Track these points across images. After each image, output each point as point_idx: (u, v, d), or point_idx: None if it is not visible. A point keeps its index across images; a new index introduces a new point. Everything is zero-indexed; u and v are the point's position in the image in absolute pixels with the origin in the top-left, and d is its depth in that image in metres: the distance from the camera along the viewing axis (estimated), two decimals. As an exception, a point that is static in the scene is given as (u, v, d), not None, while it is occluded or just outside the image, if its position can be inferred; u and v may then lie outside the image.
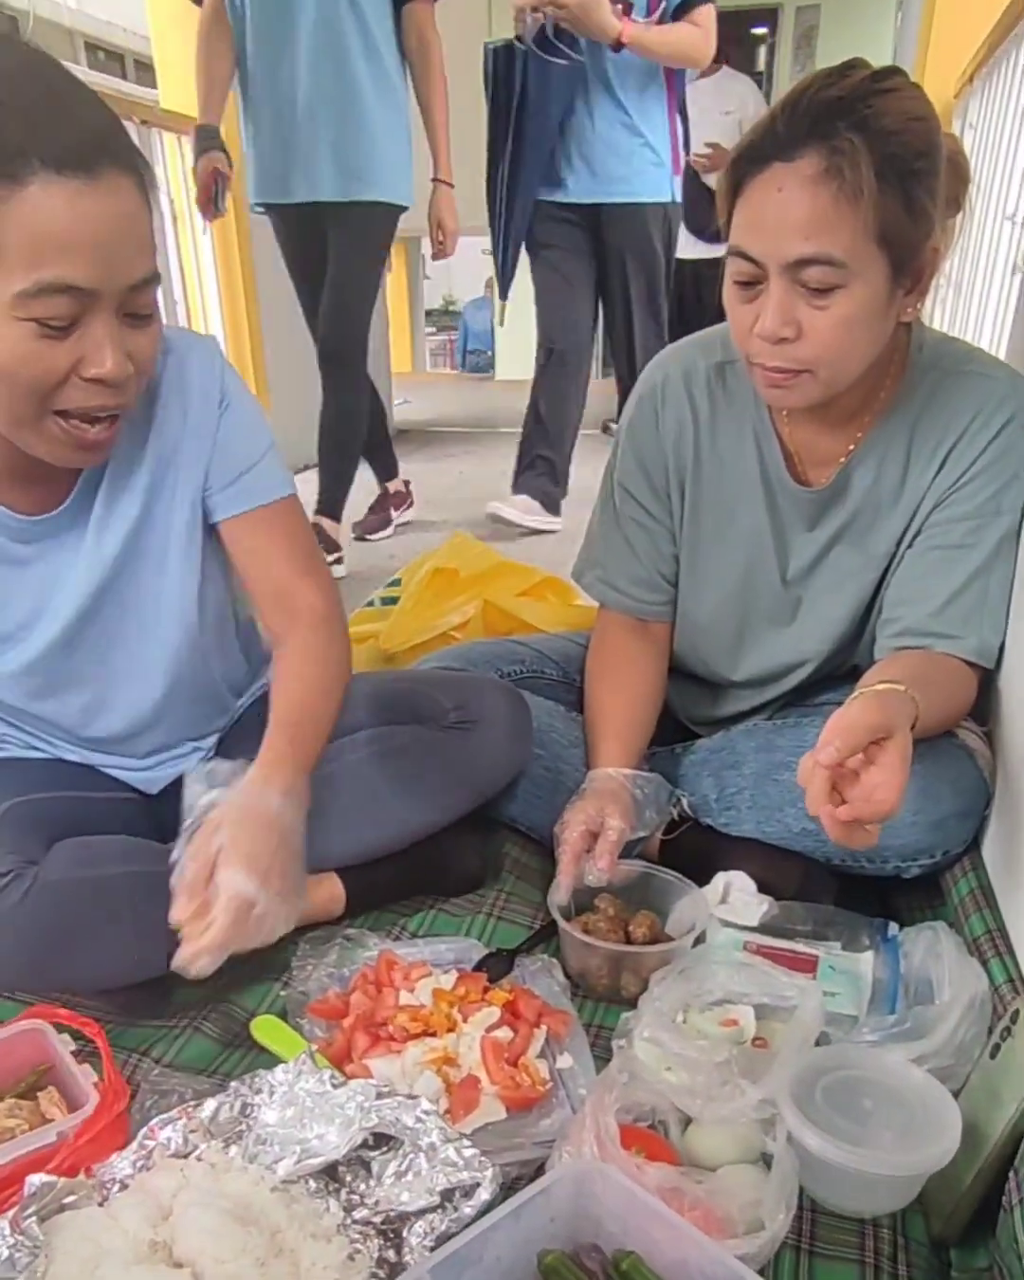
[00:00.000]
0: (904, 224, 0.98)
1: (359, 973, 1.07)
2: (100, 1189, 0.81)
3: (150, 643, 1.12)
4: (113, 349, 0.87)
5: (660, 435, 1.27)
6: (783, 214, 0.97)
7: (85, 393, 0.89)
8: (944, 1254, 0.82)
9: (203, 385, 1.08)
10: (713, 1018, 0.97)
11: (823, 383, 1.06)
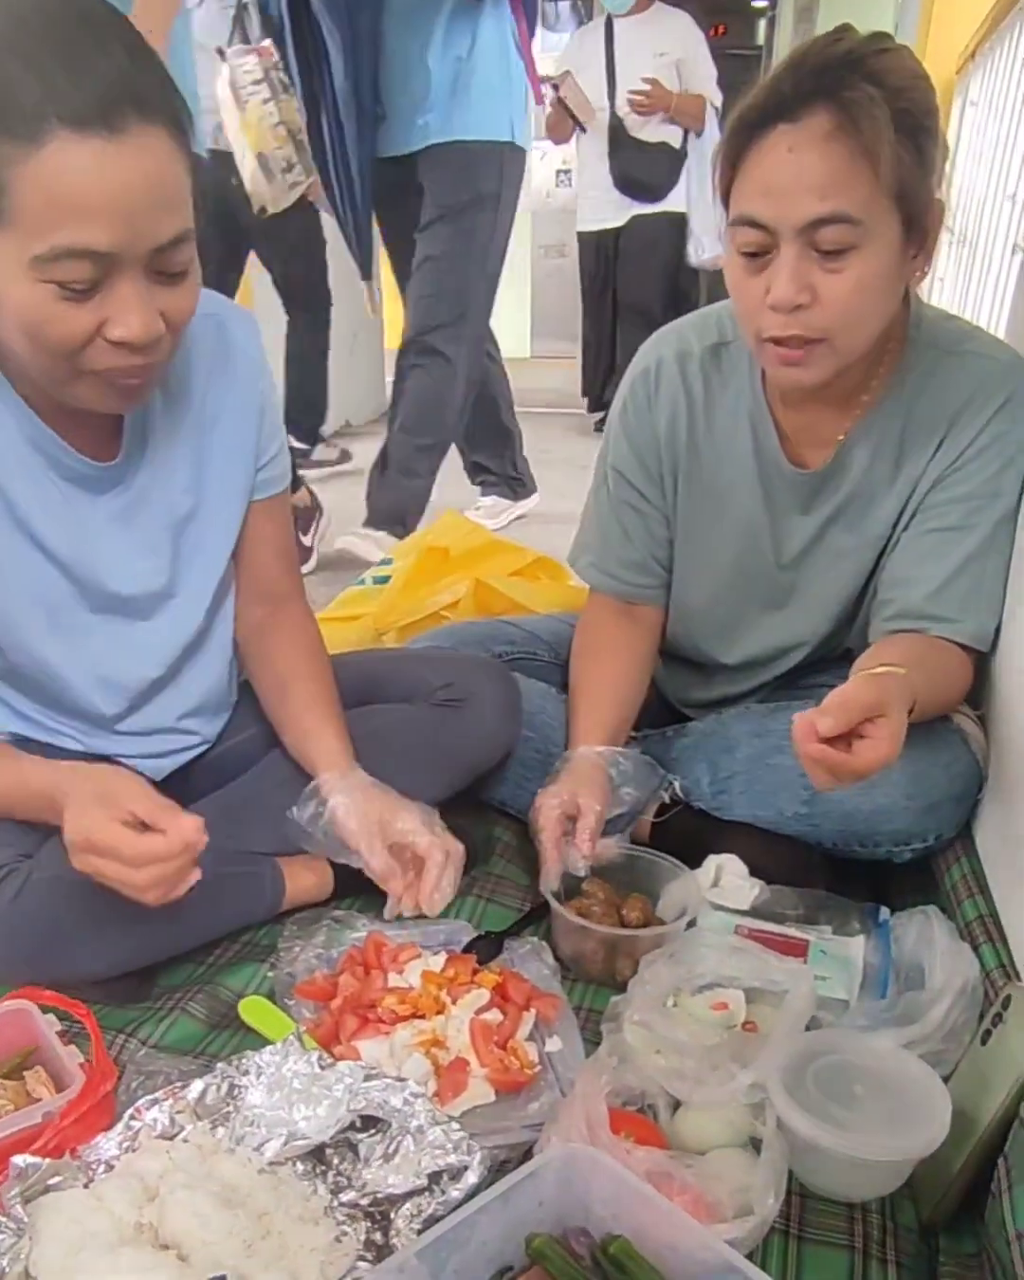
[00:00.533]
0: (917, 179, 0.96)
1: (347, 954, 1.06)
2: (86, 1170, 0.80)
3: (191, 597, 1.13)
4: (140, 310, 0.83)
5: (654, 418, 1.25)
6: (796, 175, 0.95)
7: (112, 354, 0.85)
8: (932, 1239, 0.82)
9: (249, 358, 1.09)
10: (703, 1001, 0.97)
11: (839, 352, 1.03)
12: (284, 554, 1.21)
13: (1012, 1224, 0.73)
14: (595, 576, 1.36)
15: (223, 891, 1.09)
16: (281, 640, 1.20)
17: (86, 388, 0.90)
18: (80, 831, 0.87)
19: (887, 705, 0.92)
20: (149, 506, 1.06)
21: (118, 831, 0.86)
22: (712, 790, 1.25)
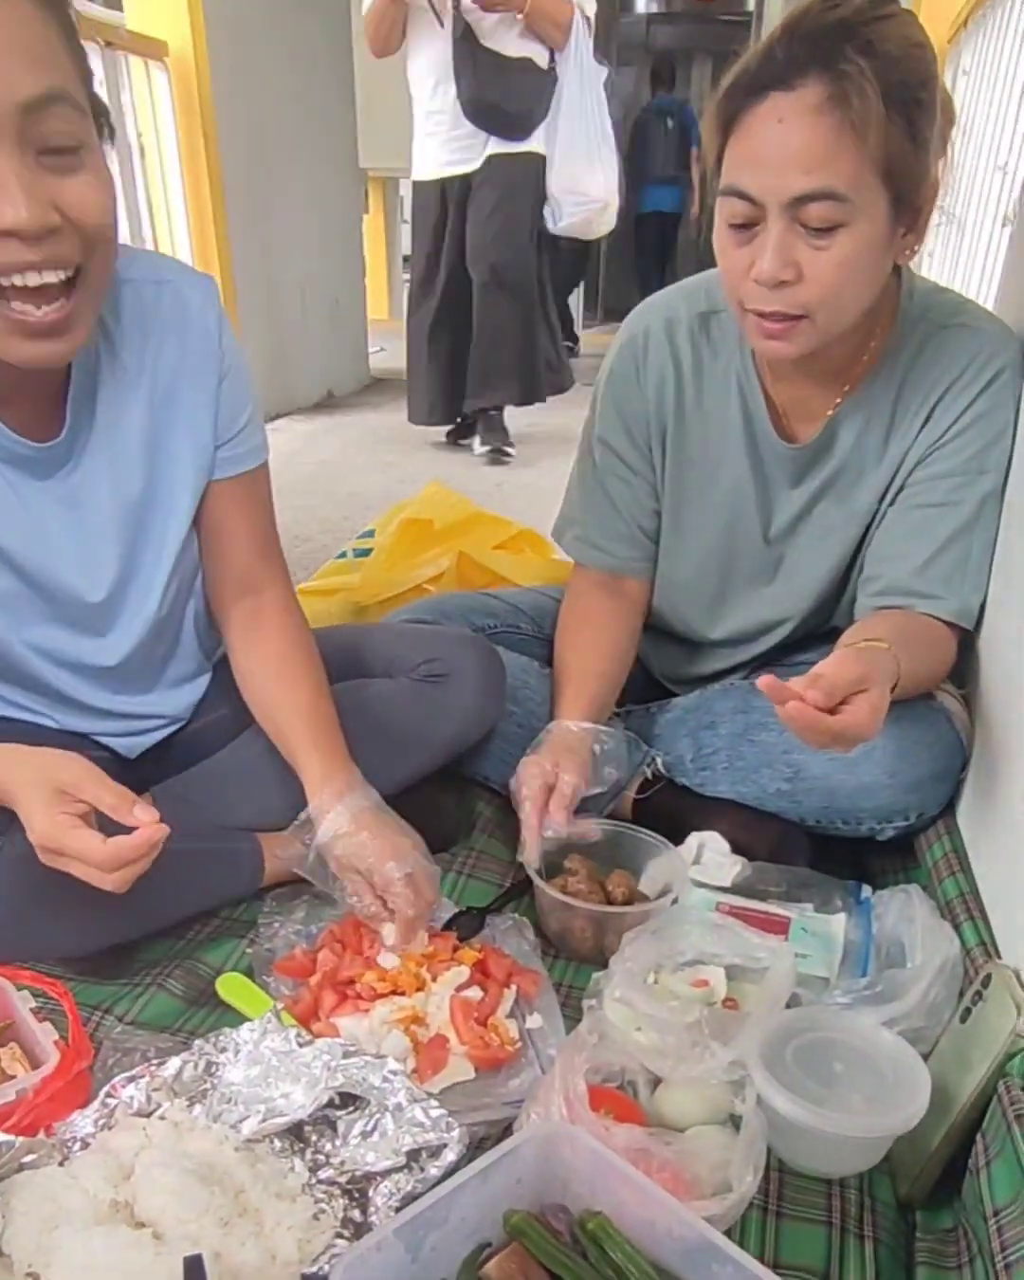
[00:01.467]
0: (907, 156, 0.94)
1: (326, 930, 1.06)
2: (61, 1148, 0.80)
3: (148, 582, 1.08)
4: (20, 190, 0.73)
5: (642, 387, 1.23)
6: (784, 147, 0.93)
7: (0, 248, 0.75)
8: (910, 1215, 0.82)
9: (204, 326, 1.02)
10: (684, 978, 0.96)
11: (821, 328, 1.02)
12: (257, 539, 1.12)
13: (989, 1200, 0.73)
14: (581, 550, 1.34)
15: (201, 868, 1.08)
16: (261, 642, 1.13)
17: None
18: (46, 837, 0.85)
19: (870, 680, 0.92)
20: (98, 488, 1.01)
21: (84, 839, 0.84)
22: (694, 766, 1.25)
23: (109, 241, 0.84)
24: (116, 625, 1.08)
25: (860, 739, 0.92)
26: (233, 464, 1.08)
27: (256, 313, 4.02)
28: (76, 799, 0.86)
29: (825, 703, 0.88)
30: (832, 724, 0.89)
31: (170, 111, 3.47)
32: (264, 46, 3.91)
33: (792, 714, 0.88)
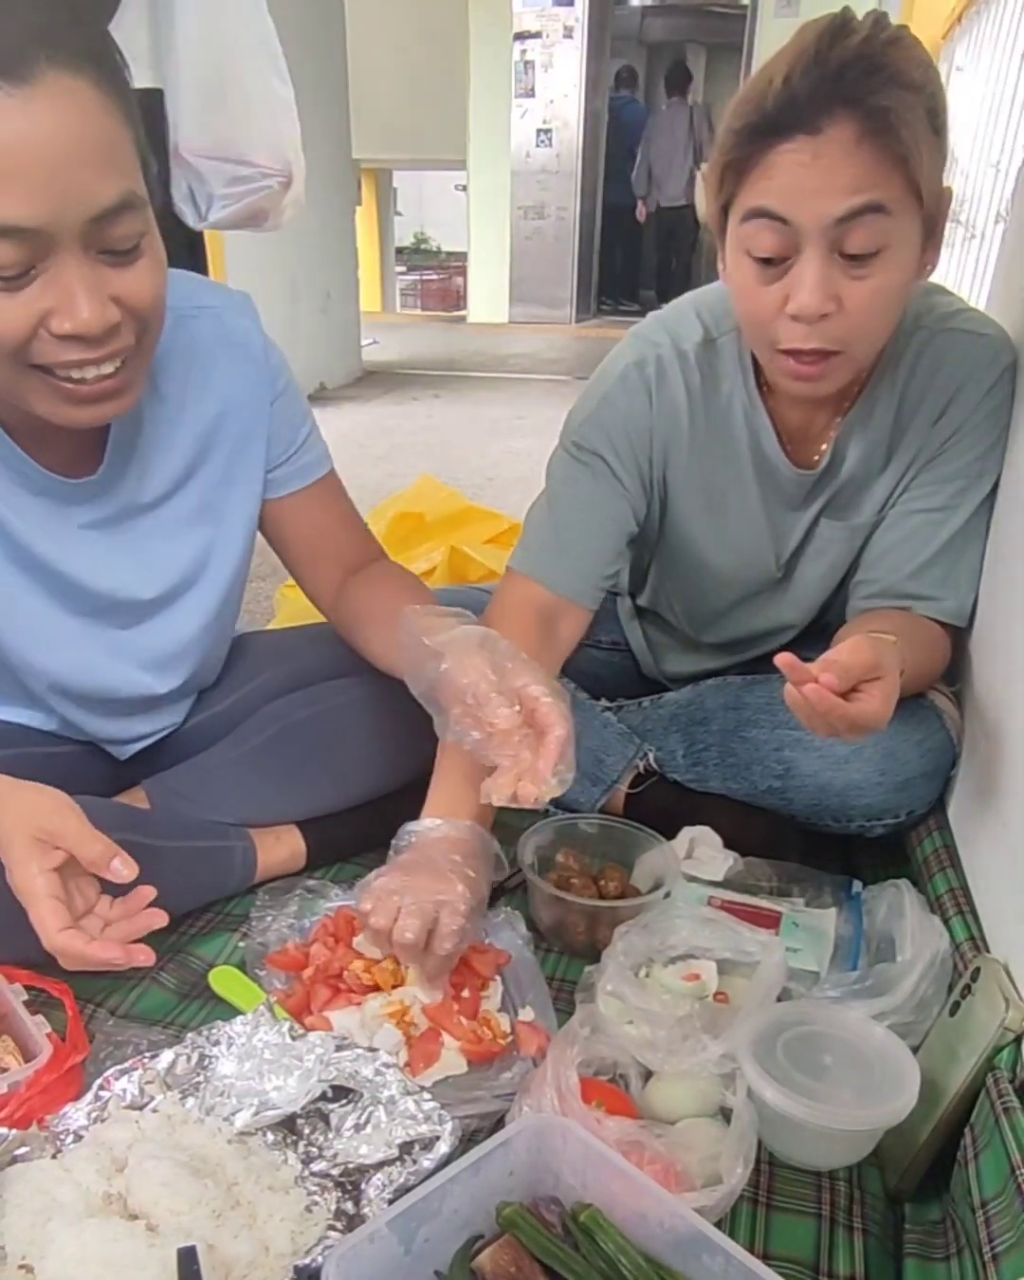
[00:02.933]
0: (938, 179, 0.93)
1: (319, 924, 1.06)
2: (53, 1141, 0.80)
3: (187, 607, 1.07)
4: (87, 296, 0.73)
5: (653, 413, 1.16)
6: (824, 177, 0.89)
7: (61, 348, 0.76)
8: (899, 1207, 0.83)
9: (249, 352, 1.01)
10: (675, 972, 0.97)
11: (853, 362, 1.00)
12: (358, 532, 1.17)
13: (976, 1192, 0.74)
14: (529, 561, 1.19)
15: (194, 866, 1.08)
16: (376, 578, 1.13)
17: (41, 395, 0.80)
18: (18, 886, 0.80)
19: (883, 668, 0.91)
20: (136, 518, 1.00)
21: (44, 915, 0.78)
22: (686, 762, 1.25)
23: (160, 316, 0.83)
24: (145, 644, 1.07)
25: (873, 728, 0.90)
26: (302, 475, 1.09)
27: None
28: (56, 850, 0.80)
29: (839, 688, 0.87)
30: (848, 710, 0.88)
31: (162, 101, 3.45)
32: (257, 36, 3.89)
33: (809, 695, 0.86)
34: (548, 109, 7.35)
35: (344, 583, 1.14)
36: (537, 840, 1.14)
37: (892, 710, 0.90)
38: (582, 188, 7.60)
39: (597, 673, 1.45)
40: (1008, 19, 2.32)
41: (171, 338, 0.94)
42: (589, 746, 1.27)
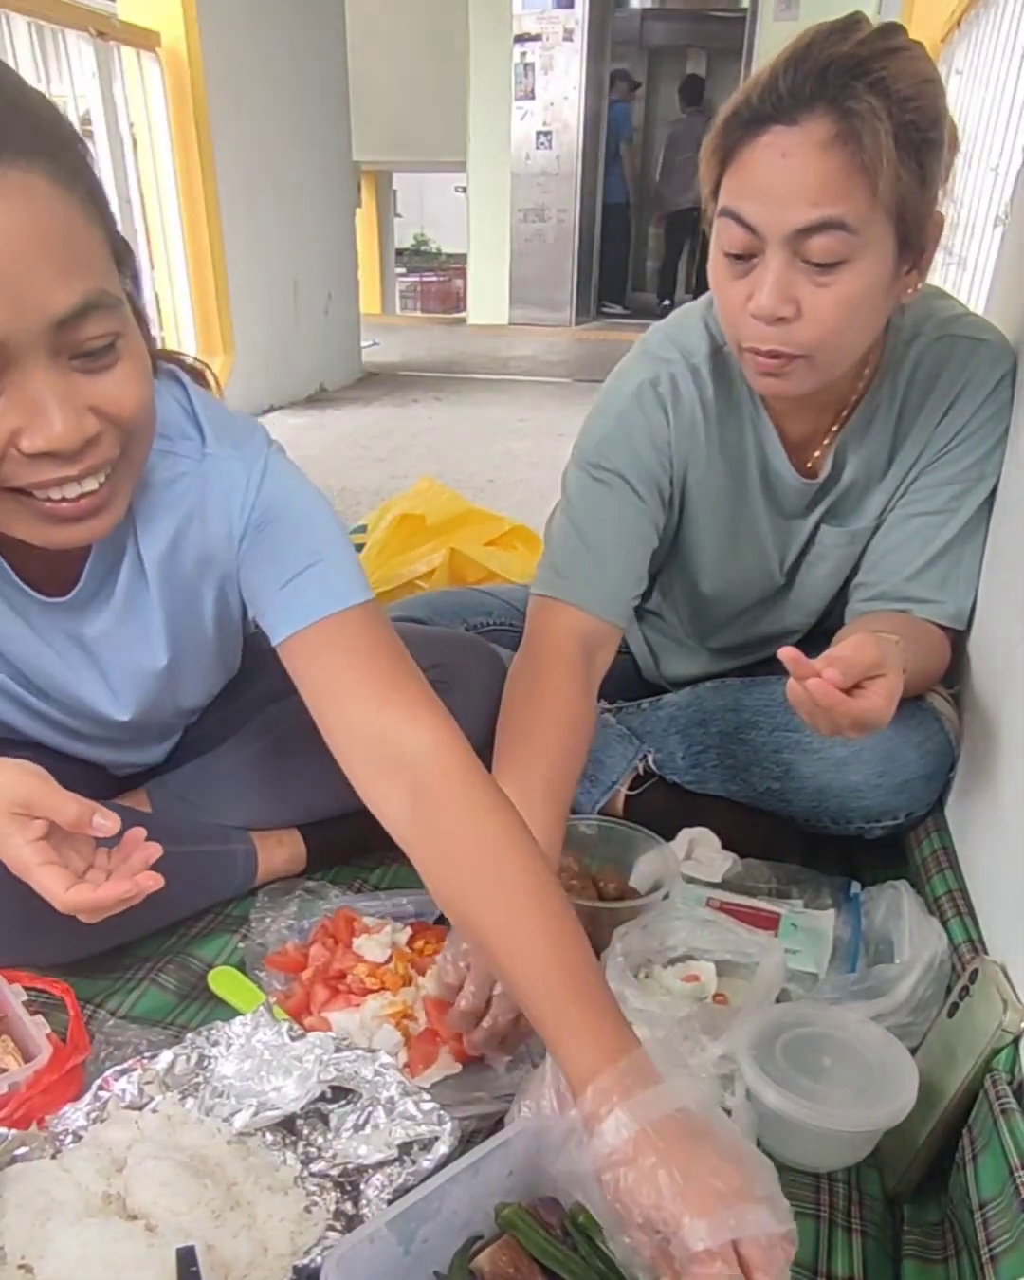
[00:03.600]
0: (916, 198, 0.90)
1: (319, 925, 1.06)
2: (53, 1141, 0.80)
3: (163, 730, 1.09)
4: (59, 407, 0.67)
5: (670, 426, 1.15)
6: (787, 181, 0.88)
7: (34, 467, 0.69)
8: (897, 1209, 0.83)
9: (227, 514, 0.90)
10: (675, 973, 0.97)
11: (820, 369, 0.99)
12: (377, 690, 0.87)
13: (975, 1194, 0.74)
14: (568, 588, 1.13)
15: (195, 869, 1.09)
16: (439, 834, 0.81)
17: (20, 517, 0.74)
18: (12, 865, 0.78)
19: (886, 665, 0.90)
20: (111, 645, 0.95)
21: (47, 881, 0.76)
22: (685, 764, 1.26)
23: (148, 425, 0.77)
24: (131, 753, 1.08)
25: (875, 725, 0.90)
26: (302, 614, 0.89)
27: (249, 306, 4.01)
28: (33, 817, 0.78)
29: (842, 684, 0.86)
30: (853, 706, 0.87)
31: (163, 103, 3.45)
32: (257, 38, 3.90)
33: (813, 690, 0.86)
34: (548, 111, 7.37)
35: (377, 780, 0.86)
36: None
37: (894, 707, 0.90)
38: (581, 190, 7.62)
39: (597, 675, 1.45)
40: (1007, 22, 2.32)
41: (169, 496, 0.89)
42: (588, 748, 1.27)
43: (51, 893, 0.77)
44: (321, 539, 0.91)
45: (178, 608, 0.95)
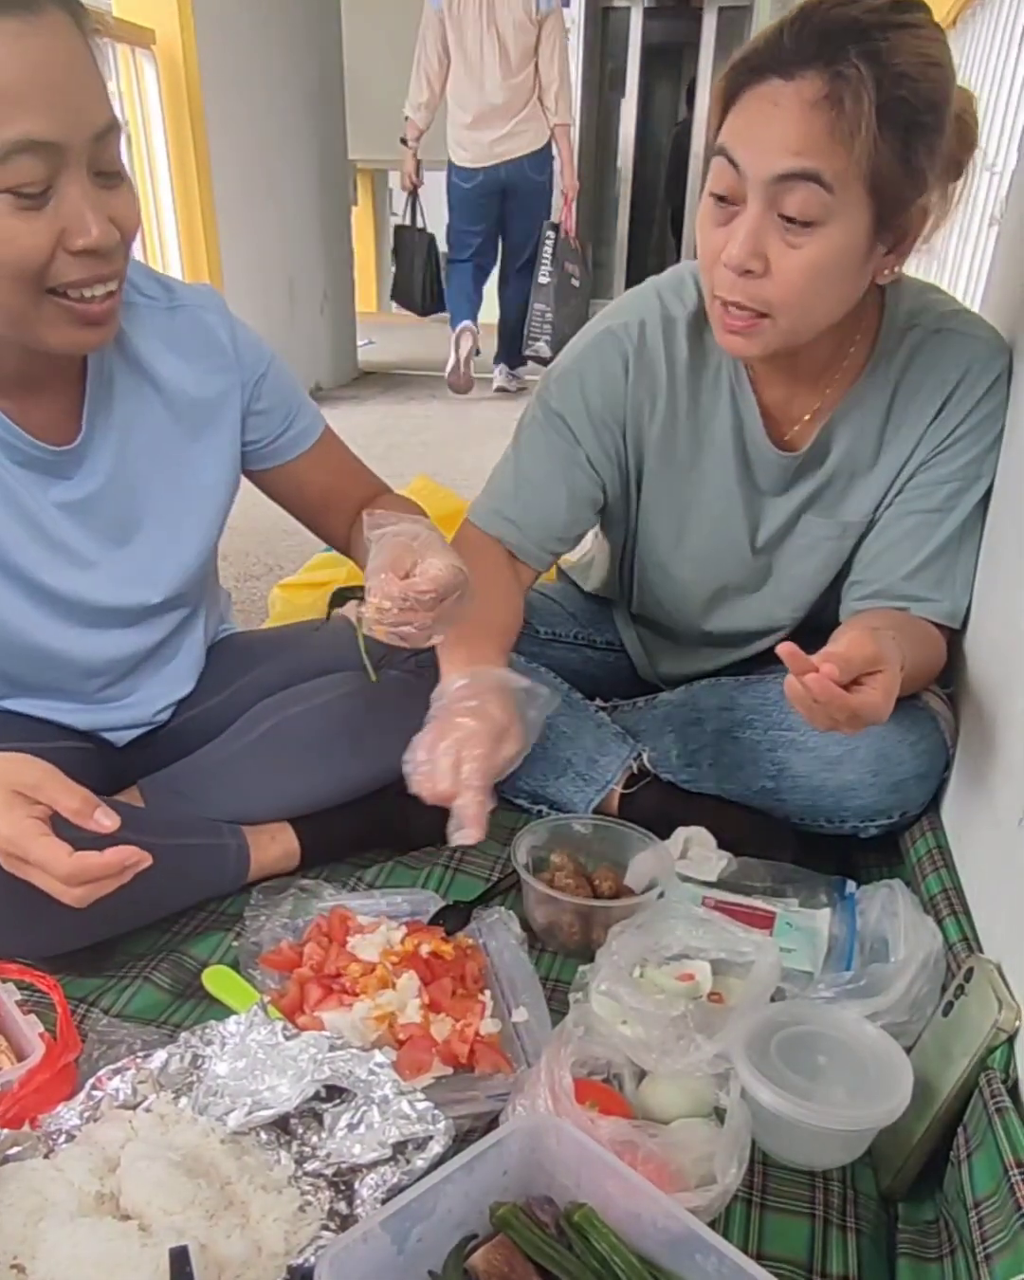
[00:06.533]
0: (897, 177, 0.91)
1: (313, 924, 1.06)
2: (46, 1140, 0.80)
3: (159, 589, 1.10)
4: (94, 214, 0.81)
5: (629, 381, 1.16)
6: (775, 129, 0.90)
7: (76, 266, 0.83)
8: (892, 1207, 0.83)
9: (220, 346, 1.07)
10: (670, 972, 0.97)
11: (782, 331, 0.99)
12: (362, 477, 1.23)
13: (970, 1192, 0.74)
14: (492, 520, 1.22)
15: (187, 863, 1.08)
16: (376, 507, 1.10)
17: (53, 320, 0.86)
18: (7, 842, 0.82)
19: (884, 660, 0.90)
20: (110, 494, 1.03)
21: (49, 848, 0.81)
22: (680, 763, 1.25)
23: (131, 247, 0.91)
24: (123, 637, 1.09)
25: (873, 720, 0.90)
26: (301, 440, 1.16)
27: (245, 304, 4.00)
28: (36, 801, 0.83)
29: (840, 679, 0.87)
30: (850, 701, 0.87)
31: (158, 100, 3.44)
32: (253, 35, 3.89)
33: (811, 686, 0.86)
34: (545, 109, 7.34)
35: (355, 521, 1.16)
36: (530, 840, 1.14)
37: (892, 703, 0.90)
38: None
39: (592, 673, 1.45)
40: (1002, 21, 2.33)
41: (148, 323, 1.02)
42: (583, 746, 1.27)
43: (54, 861, 0.80)
44: (292, 375, 1.16)
45: (179, 433, 1.06)
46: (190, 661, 1.19)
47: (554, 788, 1.27)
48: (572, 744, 1.27)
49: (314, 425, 1.17)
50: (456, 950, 1.02)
